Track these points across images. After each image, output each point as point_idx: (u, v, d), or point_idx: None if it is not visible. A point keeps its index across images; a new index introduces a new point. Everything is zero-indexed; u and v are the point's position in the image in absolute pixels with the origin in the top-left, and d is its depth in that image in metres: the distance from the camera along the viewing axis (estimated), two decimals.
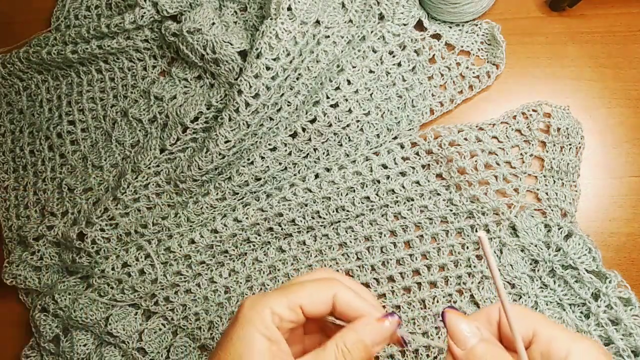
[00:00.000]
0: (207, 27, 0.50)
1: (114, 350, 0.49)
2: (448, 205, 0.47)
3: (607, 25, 0.50)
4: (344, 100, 0.49)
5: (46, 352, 0.51)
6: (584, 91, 0.49)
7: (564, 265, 0.44)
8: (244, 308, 0.30)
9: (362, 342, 0.29)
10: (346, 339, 0.29)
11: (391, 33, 0.50)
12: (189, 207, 0.50)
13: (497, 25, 0.49)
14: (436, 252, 0.47)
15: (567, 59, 0.50)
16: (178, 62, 0.55)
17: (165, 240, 0.50)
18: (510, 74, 0.50)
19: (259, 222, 0.48)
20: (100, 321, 0.48)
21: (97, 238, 0.50)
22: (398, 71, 0.51)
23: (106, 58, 0.57)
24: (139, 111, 0.55)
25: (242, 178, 0.49)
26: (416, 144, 0.49)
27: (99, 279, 0.49)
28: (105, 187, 0.54)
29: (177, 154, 0.52)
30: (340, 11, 0.52)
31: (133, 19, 0.53)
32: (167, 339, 0.50)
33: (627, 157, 0.48)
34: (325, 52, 0.51)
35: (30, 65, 0.59)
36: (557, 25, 0.51)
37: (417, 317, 0.46)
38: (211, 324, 0.50)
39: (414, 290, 0.47)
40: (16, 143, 0.59)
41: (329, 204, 0.47)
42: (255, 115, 0.49)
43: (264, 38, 0.47)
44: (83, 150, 0.56)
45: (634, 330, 0.41)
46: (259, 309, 0.29)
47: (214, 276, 0.50)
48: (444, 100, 0.50)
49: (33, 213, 0.56)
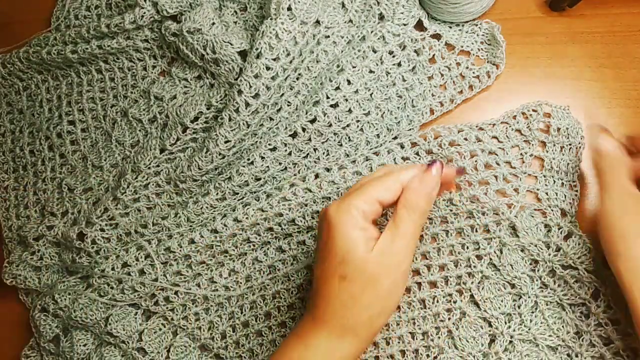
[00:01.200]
0: (207, 27, 0.50)
1: (114, 350, 0.49)
2: (448, 205, 0.47)
3: (607, 25, 0.50)
4: (344, 100, 0.49)
5: (46, 352, 0.51)
6: (584, 91, 0.49)
7: (564, 265, 0.44)
8: (330, 215, 0.35)
9: (421, 193, 0.36)
10: (408, 198, 0.36)
11: (391, 33, 0.50)
12: (189, 207, 0.50)
13: (497, 25, 0.49)
14: (436, 252, 0.47)
15: (567, 59, 0.50)
16: (178, 62, 0.55)
17: (165, 240, 0.50)
18: (510, 74, 0.50)
19: (259, 222, 0.48)
20: (100, 321, 0.48)
21: (97, 238, 0.50)
22: (398, 71, 0.51)
23: (106, 58, 0.57)
24: (139, 111, 0.55)
25: (242, 178, 0.49)
26: (416, 144, 0.49)
27: (99, 279, 0.49)
28: (105, 187, 0.54)
29: (177, 154, 0.52)
30: (340, 11, 0.52)
31: (133, 19, 0.53)
32: (167, 339, 0.50)
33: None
34: (325, 52, 0.52)
35: (30, 65, 0.59)
36: (557, 25, 0.51)
37: (417, 317, 0.46)
38: (211, 324, 0.50)
39: (414, 290, 0.47)
40: (16, 143, 0.59)
41: (328, 204, 0.47)
42: (255, 115, 0.49)
43: (264, 38, 0.47)
44: (83, 150, 0.56)
45: (633, 329, 0.41)
46: (345, 210, 0.35)
47: (214, 276, 0.50)
48: (444, 100, 0.50)
49: (33, 213, 0.56)
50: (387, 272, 0.35)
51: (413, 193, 0.36)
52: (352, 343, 0.36)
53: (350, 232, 0.34)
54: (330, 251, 0.35)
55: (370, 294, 0.35)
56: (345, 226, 0.35)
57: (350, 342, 0.36)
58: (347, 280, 0.35)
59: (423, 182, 0.36)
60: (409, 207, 0.35)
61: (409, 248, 0.35)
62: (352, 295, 0.35)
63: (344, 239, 0.35)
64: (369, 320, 0.36)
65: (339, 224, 0.35)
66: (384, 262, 0.35)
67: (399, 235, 0.35)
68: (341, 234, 0.35)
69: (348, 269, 0.35)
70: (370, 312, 0.35)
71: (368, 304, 0.35)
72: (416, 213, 0.35)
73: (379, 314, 0.36)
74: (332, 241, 0.35)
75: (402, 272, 0.35)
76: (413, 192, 0.36)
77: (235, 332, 0.49)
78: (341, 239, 0.35)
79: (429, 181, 0.36)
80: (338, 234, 0.35)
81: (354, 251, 0.34)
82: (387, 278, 0.35)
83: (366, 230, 0.35)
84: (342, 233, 0.35)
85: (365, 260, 0.34)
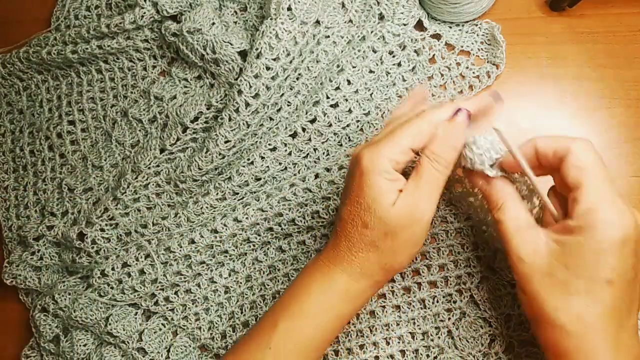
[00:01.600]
0: (207, 27, 0.50)
1: (114, 350, 0.49)
2: (448, 205, 0.47)
3: (607, 25, 0.50)
4: (344, 100, 0.49)
5: (46, 352, 0.51)
6: (584, 91, 0.49)
7: None
8: (363, 162, 0.35)
9: (445, 143, 0.35)
10: (433, 148, 0.35)
11: (391, 33, 0.50)
12: (189, 207, 0.50)
13: (497, 25, 0.49)
14: (436, 252, 0.47)
15: (567, 59, 0.50)
16: (178, 62, 0.55)
17: (165, 240, 0.50)
18: (510, 74, 0.50)
19: (259, 222, 0.48)
20: (100, 321, 0.48)
21: (97, 238, 0.50)
22: (398, 71, 0.51)
23: (106, 58, 0.57)
24: (139, 111, 0.55)
25: (242, 178, 0.49)
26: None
27: (99, 279, 0.49)
28: (105, 187, 0.54)
29: (177, 154, 0.52)
30: (340, 11, 0.52)
31: (133, 19, 0.53)
32: (167, 339, 0.50)
33: (627, 157, 0.48)
34: (325, 52, 0.52)
35: (30, 65, 0.59)
36: (557, 25, 0.51)
37: (417, 317, 0.46)
38: (211, 324, 0.50)
39: (414, 290, 0.47)
40: (16, 143, 0.59)
41: (328, 204, 0.47)
42: (255, 115, 0.49)
43: (264, 38, 0.47)
44: (83, 150, 0.56)
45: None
46: (377, 160, 0.35)
47: (214, 276, 0.50)
48: (444, 100, 0.50)
49: (33, 213, 0.56)
50: (407, 224, 0.35)
51: (437, 143, 0.35)
52: (368, 284, 0.38)
53: (380, 182, 0.35)
54: (357, 197, 0.36)
55: (389, 244, 0.36)
56: (375, 176, 0.35)
57: (366, 283, 0.38)
58: (368, 228, 0.36)
59: (448, 131, 0.35)
60: (432, 159, 0.35)
61: (431, 199, 0.35)
62: (372, 242, 0.36)
63: (373, 187, 0.35)
64: (385, 267, 0.37)
65: (370, 173, 0.35)
66: (405, 214, 0.35)
67: (421, 188, 0.35)
68: (371, 182, 0.35)
69: (371, 217, 0.35)
70: (387, 260, 0.37)
71: (386, 253, 0.36)
72: (440, 164, 0.35)
73: (395, 262, 0.37)
74: (360, 188, 0.35)
75: (424, 223, 0.36)
76: (437, 143, 0.35)
77: (235, 332, 0.49)
78: (370, 188, 0.35)
79: (454, 131, 0.35)
80: (368, 182, 0.35)
81: (379, 201, 0.35)
82: (406, 230, 0.35)
83: (396, 181, 0.35)
84: (371, 182, 0.35)
85: (388, 211, 0.35)
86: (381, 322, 0.47)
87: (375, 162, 0.35)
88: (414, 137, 0.35)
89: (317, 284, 0.38)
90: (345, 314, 0.39)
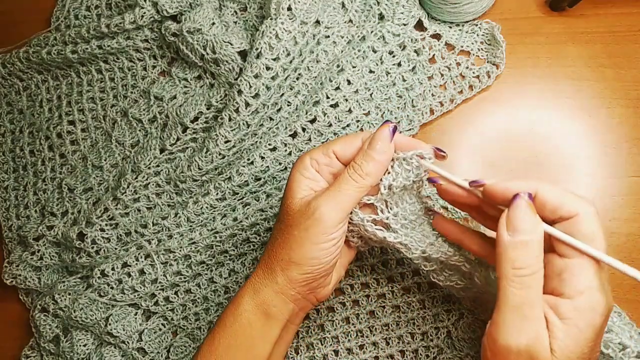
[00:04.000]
0: (207, 27, 0.50)
1: (114, 350, 0.49)
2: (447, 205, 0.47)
3: (607, 25, 0.50)
4: (344, 100, 0.49)
5: (46, 352, 0.51)
6: (584, 91, 0.49)
7: None
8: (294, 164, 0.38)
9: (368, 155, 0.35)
10: (355, 158, 0.36)
11: (391, 33, 0.50)
12: (189, 207, 0.50)
13: (497, 25, 0.49)
14: None
15: (567, 59, 0.50)
16: (178, 62, 0.55)
17: (165, 240, 0.50)
18: (510, 74, 0.50)
19: (259, 222, 0.48)
20: (100, 321, 0.48)
21: (97, 238, 0.50)
22: (398, 71, 0.51)
23: (106, 58, 0.57)
24: (139, 111, 0.55)
25: (242, 178, 0.49)
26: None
27: (99, 279, 0.49)
28: (105, 187, 0.54)
29: (177, 154, 0.52)
30: (340, 11, 0.52)
31: (133, 19, 0.53)
32: (167, 339, 0.50)
33: (627, 157, 0.48)
34: (325, 52, 0.51)
35: (30, 65, 0.59)
36: (557, 25, 0.51)
37: (417, 318, 0.46)
38: (211, 324, 0.50)
39: (414, 290, 0.47)
40: (16, 143, 0.59)
41: None
42: (255, 115, 0.49)
43: (264, 38, 0.47)
44: (83, 150, 0.56)
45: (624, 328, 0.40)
46: (301, 158, 0.37)
47: (213, 276, 0.50)
48: (444, 100, 0.50)
49: (33, 213, 0.56)
50: (303, 219, 0.35)
51: (359, 154, 0.36)
52: (272, 280, 0.37)
53: (295, 176, 0.37)
54: (285, 190, 0.38)
55: (286, 236, 0.36)
56: (294, 171, 0.37)
57: (271, 279, 0.37)
58: (278, 221, 0.37)
59: (369, 142, 0.35)
60: (351, 166, 0.35)
61: (338, 204, 0.34)
62: (276, 235, 0.37)
63: (290, 180, 0.37)
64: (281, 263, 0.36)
65: (293, 168, 0.37)
66: (305, 208, 0.35)
67: (331, 191, 0.35)
68: (290, 176, 0.37)
69: (281, 210, 0.37)
70: (283, 255, 0.36)
71: (283, 247, 0.36)
72: (357, 172, 0.35)
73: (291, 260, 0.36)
74: (287, 183, 0.38)
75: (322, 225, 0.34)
76: (359, 153, 0.36)
77: None
78: (290, 181, 0.37)
79: (375, 141, 0.35)
80: (289, 179, 0.37)
81: (290, 196, 0.36)
82: (302, 224, 0.35)
83: (311, 179, 0.37)
84: (291, 175, 0.37)
85: (292, 202, 0.36)
86: (381, 322, 0.47)
87: (299, 160, 0.37)
88: (342, 145, 0.37)
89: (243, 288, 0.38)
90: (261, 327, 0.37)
